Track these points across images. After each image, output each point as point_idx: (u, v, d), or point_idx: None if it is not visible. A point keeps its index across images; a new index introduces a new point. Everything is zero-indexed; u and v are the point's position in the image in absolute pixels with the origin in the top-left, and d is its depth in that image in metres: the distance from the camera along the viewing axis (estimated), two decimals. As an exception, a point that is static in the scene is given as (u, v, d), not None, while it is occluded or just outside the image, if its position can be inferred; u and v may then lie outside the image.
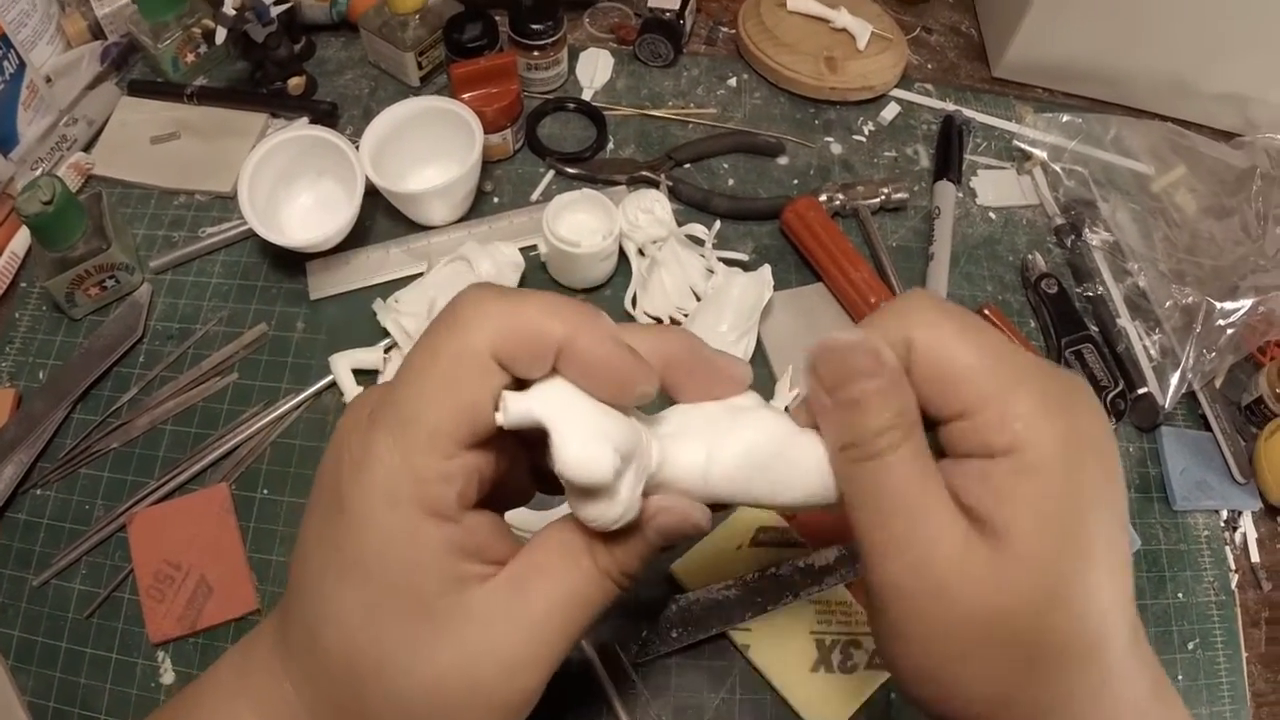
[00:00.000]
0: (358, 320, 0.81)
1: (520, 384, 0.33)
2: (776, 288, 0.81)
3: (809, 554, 0.69)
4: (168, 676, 0.67)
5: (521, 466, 0.39)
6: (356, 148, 0.81)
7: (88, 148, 0.92)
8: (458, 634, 0.32)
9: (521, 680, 0.33)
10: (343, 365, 0.77)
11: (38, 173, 0.87)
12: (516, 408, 0.31)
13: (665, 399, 0.38)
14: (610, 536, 0.34)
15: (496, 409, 0.31)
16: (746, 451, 0.36)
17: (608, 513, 0.33)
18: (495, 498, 0.36)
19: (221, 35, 0.86)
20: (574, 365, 0.32)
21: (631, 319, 0.81)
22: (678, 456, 0.36)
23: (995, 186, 0.95)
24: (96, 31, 0.97)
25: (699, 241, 0.85)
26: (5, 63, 0.84)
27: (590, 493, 0.32)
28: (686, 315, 0.81)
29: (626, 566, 0.35)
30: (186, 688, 0.38)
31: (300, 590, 0.34)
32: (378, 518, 0.31)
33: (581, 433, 0.31)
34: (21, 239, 0.85)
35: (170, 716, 0.38)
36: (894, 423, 0.34)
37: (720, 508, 0.38)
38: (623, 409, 0.34)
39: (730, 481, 0.36)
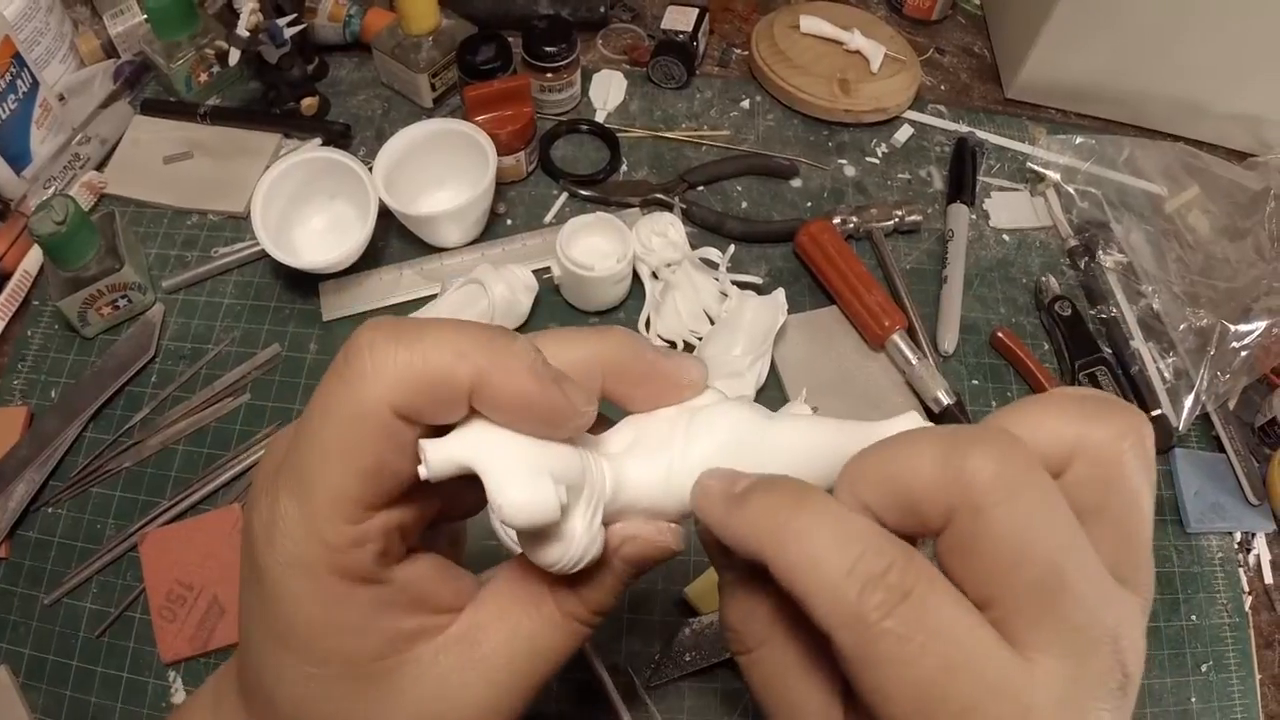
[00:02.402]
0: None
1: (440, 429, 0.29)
2: (790, 311, 0.81)
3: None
4: (179, 696, 0.67)
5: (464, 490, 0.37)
6: (369, 169, 0.81)
7: (100, 166, 0.92)
8: (409, 695, 0.30)
9: None
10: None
11: (50, 191, 0.88)
12: (438, 456, 0.28)
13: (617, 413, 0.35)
14: (574, 577, 0.31)
15: (420, 462, 0.28)
16: (714, 453, 0.32)
17: (566, 554, 0.29)
18: (437, 525, 0.35)
19: (235, 56, 0.86)
20: (493, 407, 0.28)
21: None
22: (636, 476, 0.32)
23: (1009, 208, 0.95)
24: (109, 50, 0.98)
25: (712, 265, 0.85)
26: (18, 81, 0.84)
27: (541, 535, 0.29)
28: (700, 339, 0.81)
29: (595, 605, 0.32)
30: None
31: (246, 649, 0.32)
32: (294, 588, 0.29)
33: (517, 471, 0.28)
34: (34, 257, 0.85)
35: None
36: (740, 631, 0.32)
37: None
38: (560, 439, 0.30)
39: None
